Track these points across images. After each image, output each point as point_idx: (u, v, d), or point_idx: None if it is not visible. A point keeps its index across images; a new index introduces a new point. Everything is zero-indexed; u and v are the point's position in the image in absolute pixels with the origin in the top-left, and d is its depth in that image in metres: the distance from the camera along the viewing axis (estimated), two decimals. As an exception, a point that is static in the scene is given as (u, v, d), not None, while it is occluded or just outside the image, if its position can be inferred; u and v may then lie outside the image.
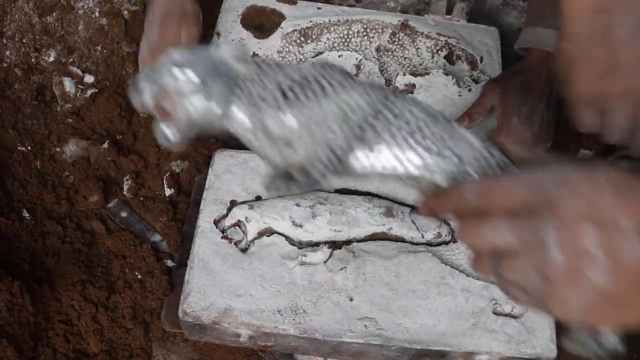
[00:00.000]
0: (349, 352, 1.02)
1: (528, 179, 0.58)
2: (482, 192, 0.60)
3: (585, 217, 0.54)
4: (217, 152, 1.17)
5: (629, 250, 0.54)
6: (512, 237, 0.57)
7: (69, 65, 1.39)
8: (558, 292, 0.55)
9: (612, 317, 0.57)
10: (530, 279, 0.56)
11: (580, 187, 0.56)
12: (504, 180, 0.60)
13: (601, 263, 0.54)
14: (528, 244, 0.56)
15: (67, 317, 1.10)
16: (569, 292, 0.55)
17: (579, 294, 0.55)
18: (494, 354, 0.99)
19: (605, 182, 0.56)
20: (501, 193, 0.59)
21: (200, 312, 1.01)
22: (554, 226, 0.55)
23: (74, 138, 1.32)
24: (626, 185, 0.56)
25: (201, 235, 1.08)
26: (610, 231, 0.54)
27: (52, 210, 1.23)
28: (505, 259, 0.58)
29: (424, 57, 1.35)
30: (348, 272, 1.05)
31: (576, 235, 0.54)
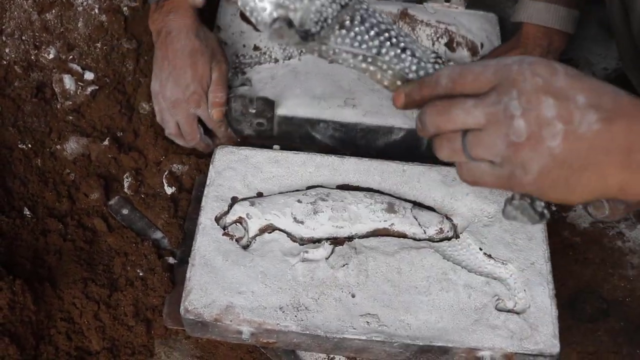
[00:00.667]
0: (351, 348, 1.02)
1: (495, 63, 0.67)
2: (455, 77, 0.68)
3: (544, 91, 0.63)
4: (217, 149, 1.17)
5: (582, 121, 0.62)
6: (481, 114, 0.65)
7: (69, 63, 1.38)
8: (520, 156, 0.64)
9: (561, 184, 0.65)
10: (497, 148, 0.65)
11: (539, 68, 0.64)
12: (474, 66, 0.68)
13: (559, 130, 0.63)
14: (496, 117, 0.65)
15: (69, 315, 1.10)
16: (529, 156, 0.64)
17: (538, 158, 0.64)
18: (496, 350, 0.99)
19: (559, 67, 0.65)
20: (472, 76, 0.67)
21: (202, 310, 1.00)
22: (518, 100, 0.63)
23: (75, 135, 1.31)
24: (576, 71, 0.65)
25: (202, 232, 1.08)
26: (566, 104, 0.63)
27: (53, 208, 1.23)
28: (473, 134, 0.66)
29: (424, 45, 1.34)
30: (350, 268, 1.05)
31: (538, 106, 0.63)
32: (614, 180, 0.64)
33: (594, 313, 1.15)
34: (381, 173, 1.15)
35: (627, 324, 1.14)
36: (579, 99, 0.63)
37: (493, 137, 0.65)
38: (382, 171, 1.16)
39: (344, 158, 1.16)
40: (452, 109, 0.67)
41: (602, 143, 0.63)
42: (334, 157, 1.17)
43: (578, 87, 0.64)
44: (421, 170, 1.16)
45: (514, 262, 1.05)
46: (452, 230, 1.10)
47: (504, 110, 0.64)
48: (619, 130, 0.63)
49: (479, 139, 0.66)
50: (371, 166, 1.16)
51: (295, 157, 1.16)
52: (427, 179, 1.15)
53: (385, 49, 0.78)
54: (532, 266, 1.06)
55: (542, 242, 1.09)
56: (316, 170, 1.15)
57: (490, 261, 1.06)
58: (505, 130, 0.64)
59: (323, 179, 1.14)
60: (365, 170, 1.15)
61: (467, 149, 0.67)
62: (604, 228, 1.25)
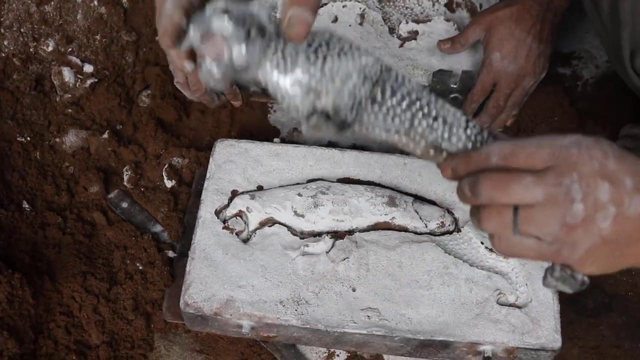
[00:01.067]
0: (351, 342, 1.02)
1: (549, 144, 0.67)
2: (506, 154, 0.69)
3: (601, 175, 0.65)
4: (218, 142, 1.16)
5: (631, 204, 0.66)
6: (541, 193, 0.66)
7: (68, 55, 1.37)
8: (572, 236, 0.66)
9: (602, 260, 0.68)
10: (551, 227, 0.66)
11: (594, 151, 0.66)
12: (527, 144, 0.68)
13: (611, 213, 0.66)
14: (555, 199, 0.66)
15: (68, 309, 1.10)
16: (581, 237, 0.66)
17: (588, 238, 0.66)
18: (498, 344, 0.99)
19: (609, 149, 0.67)
20: (525, 155, 0.67)
21: (201, 303, 1.00)
22: (579, 183, 0.65)
23: (74, 128, 1.31)
24: (619, 152, 0.68)
25: (202, 225, 1.07)
26: (618, 188, 0.66)
27: (52, 201, 1.22)
28: (526, 211, 0.67)
29: (424, 5, 1.38)
30: (350, 262, 1.04)
31: (595, 190, 0.65)
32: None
33: (596, 307, 1.15)
34: (382, 166, 1.15)
35: (629, 318, 1.14)
36: (627, 183, 0.67)
37: (549, 216, 0.66)
38: (382, 164, 1.15)
39: (345, 151, 1.16)
40: (511, 184, 0.67)
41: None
42: (334, 150, 1.16)
43: (625, 170, 0.67)
44: (422, 164, 1.15)
45: (515, 256, 1.05)
46: (454, 224, 1.10)
47: (565, 193, 0.66)
48: None
49: (532, 216, 0.67)
50: (372, 159, 1.15)
51: (295, 150, 1.15)
52: (429, 173, 1.14)
53: (418, 120, 0.75)
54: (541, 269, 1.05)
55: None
56: (317, 163, 1.14)
57: (492, 255, 1.06)
58: (563, 211, 0.66)
59: (324, 172, 1.13)
60: (365, 164, 1.14)
61: (517, 225, 0.68)
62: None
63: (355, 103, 0.73)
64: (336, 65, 0.71)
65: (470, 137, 0.75)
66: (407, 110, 0.75)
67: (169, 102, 1.34)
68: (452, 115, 0.76)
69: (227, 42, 0.69)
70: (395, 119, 0.75)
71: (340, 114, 0.73)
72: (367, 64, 0.73)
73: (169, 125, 1.34)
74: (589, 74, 1.41)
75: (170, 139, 1.30)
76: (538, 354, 0.99)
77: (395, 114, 0.75)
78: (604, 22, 1.06)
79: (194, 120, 1.35)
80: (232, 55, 0.69)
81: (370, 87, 0.74)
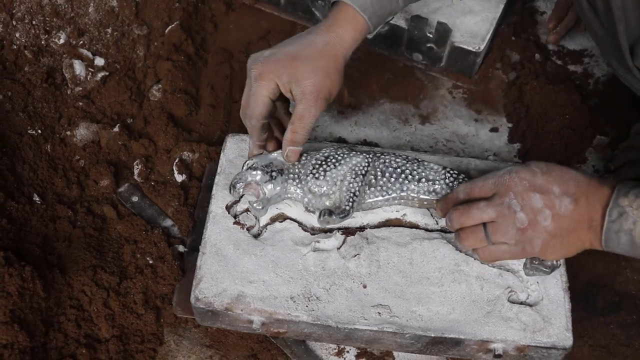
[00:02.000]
0: (362, 339, 1.02)
1: (492, 177, 0.95)
2: (467, 190, 0.97)
3: (532, 189, 0.92)
4: (228, 137, 1.16)
5: (561, 205, 0.91)
6: (493, 212, 0.93)
7: (79, 48, 1.37)
8: (527, 236, 0.92)
9: (557, 249, 0.93)
10: (510, 233, 0.92)
11: (522, 173, 0.93)
12: (479, 181, 0.97)
13: (548, 215, 0.91)
14: (503, 213, 0.92)
15: (78, 303, 1.10)
16: (533, 235, 0.92)
17: (538, 236, 0.92)
18: (509, 342, 0.99)
19: (536, 168, 0.94)
20: (478, 188, 0.96)
21: (212, 298, 1.00)
22: (516, 199, 0.92)
23: (85, 121, 1.31)
24: (548, 168, 0.94)
25: (213, 220, 1.07)
26: (548, 195, 0.91)
27: (62, 194, 1.22)
28: (491, 225, 0.93)
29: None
30: (361, 258, 1.04)
31: (529, 201, 0.91)
32: (586, 239, 0.92)
33: (606, 306, 1.14)
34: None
35: (640, 317, 1.14)
36: (555, 190, 0.91)
37: (505, 226, 0.92)
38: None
39: (356, 147, 1.16)
40: (471, 210, 0.94)
41: (575, 217, 0.91)
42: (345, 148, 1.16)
43: (552, 180, 0.92)
44: (433, 160, 1.15)
45: (527, 254, 1.05)
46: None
47: (508, 208, 0.92)
48: (583, 206, 0.91)
49: (496, 229, 0.93)
50: (383, 156, 1.15)
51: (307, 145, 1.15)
52: (440, 170, 1.14)
53: (406, 185, 1.05)
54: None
55: (556, 234, 1.08)
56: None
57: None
58: (512, 220, 0.91)
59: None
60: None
61: (489, 237, 0.94)
62: (617, 221, 1.23)
63: (351, 195, 1.02)
64: (334, 173, 1.03)
65: (449, 185, 1.05)
66: (396, 182, 1.05)
67: (180, 97, 1.34)
68: (434, 172, 1.06)
69: (260, 186, 1.02)
70: (389, 191, 1.05)
71: (341, 207, 1.02)
72: (357, 163, 1.04)
73: (180, 120, 1.34)
74: (600, 71, 1.41)
75: (181, 134, 1.30)
76: (549, 352, 0.99)
77: (388, 187, 1.05)
78: (601, 21, 1.07)
79: (205, 114, 1.35)
80: (266, 193, 1.02)
81: (362, 180, 1.03)
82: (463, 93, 1.40)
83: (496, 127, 1.35)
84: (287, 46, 1.02)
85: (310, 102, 0.99)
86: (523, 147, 1.32)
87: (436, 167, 1.07)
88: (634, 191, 0.88)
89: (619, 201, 0.88)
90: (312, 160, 1.05)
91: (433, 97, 1.39)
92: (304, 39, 1.02)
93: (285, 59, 0.99)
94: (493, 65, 1.42)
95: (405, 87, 1.40)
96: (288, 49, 1.01)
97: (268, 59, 1.00)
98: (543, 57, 1.43)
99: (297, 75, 0.98)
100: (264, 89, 0.99)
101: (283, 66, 0.98)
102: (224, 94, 1.38)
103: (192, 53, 1.42)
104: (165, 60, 1.38)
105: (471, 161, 1.15)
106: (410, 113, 1.37)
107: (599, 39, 1.15)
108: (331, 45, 1.01)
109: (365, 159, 1.05)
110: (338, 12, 1.03)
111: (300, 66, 0.98)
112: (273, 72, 0.98)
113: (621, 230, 0.88)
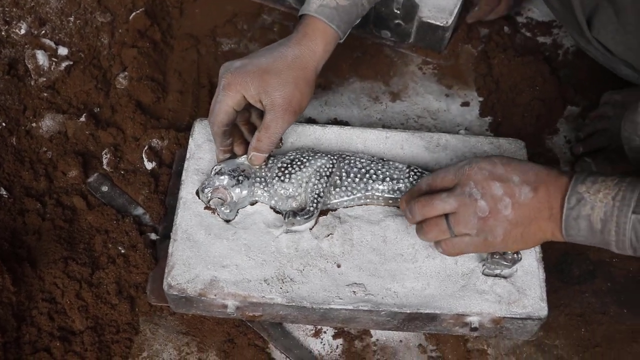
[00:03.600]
0: (338, 318, 1.01)
1: (453, 167, 0.95)
2: (430, 182, 0.96)
3: (491, 178, 0.91)
4: (196, 122, 1.15)
5: (520, 193, 0.90)
6: (454, 201, 0.92)
7: (41, 38, 1.35)
8: (488, 224, 0.91)
9: (518, 239, 0.92)
10: (471, 223, 0.91)
11: (482, 163, 0.93)
12: (440, 172, 0.96)
13: (508, 203, 0.90)
14: (464, 202, 0.91)
15: (50, 295, 1.08)
16: (494, 224, 0.90)
17: (499, 224, 0.90)
18: (484, 315, 0.99)
19: (496, 159, 0.93)
20: (439, 179, 0.95)
21: (185, 285, 0.99)
22: (476, 187, 0.91)
23: (50, 112, 1.28)
24: (508, 159, 0.93)
25: (183, 206, 1.06)
26: (508, 183, 0.90)
27: (30, 187, 1.20)
28: (453, 216, 0.92)
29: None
30: (335, 238, 1.04)
31: (490, 189, 0.90)
32: (547, 229, 0.91)
33: (581, 275, 1.15)
34: (364, 141, 1.14)
35: (614, 284, 1.14)
36: (515, 179, 0.90)
37: (466, 215, 0.91)
38: (364, 139, 1.14)
39: (326, 127, 1.15)
40: (434, 201, 0.93)
41: (536, 205, 0.90)
42: (315, 127, 1.15)
43: (511, 170, 0.91)
44: (404, 137, 1.14)
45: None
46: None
47: (469, 196, 0.91)
48: (542, 194, 0.90)
49: (457, 219, 0.92)
50: (353, 134, 1.14)
51: None
52: (411, 146, 1.14)
53: (370, 185, 1.06)
54: (518, 230, 1.05)
55: (528, 206, 1.08)
56: (298, 140, 1.13)
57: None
58: (473, 209, 0.90)
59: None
60: (347, 139, 1.13)
61: (451, 227, 0.92)
62: (590, 190, 1.24)
63: (316, 196, 1.03)
64: (299, 175, 1.04)
65: (412, 183, 1.05)
66: (360, 182, 1.06)
67: (147, 84, 1.32)
68: (398, 171, 1.06)
69: (228, 190, 1.03)
70: (354, 191, 1.06)
71: (306, 208, 1.03)
72: (321, 165, 1.05)
73: (148, 107, 1.32)
74: (569, 42, 1.40)
75: (149, 121, 1.28)
76: (525, 323, 0.99)
77: (352, 187, 1.06)
78: None
79: (173, 101, 1.33)
80: (233, 197, 1.04)
81: (326, 181, 1.04)
82: (433, 69, 1.39)
83: (467, 102, 1.35)
84: (258, 58, 1.02)
85: (278, 113, 1.00)
86: (494, 121, 1.32)
87: (400, 166, 1.07)
88: (590, 178, 0.88)
89: (576, 188, 0.87)
90: (277, 164, 1.06)
91: (403, 74, 1.38)
92: (275, 51, 1.02)
93: (255, 72, 1.00)
94: (462, 39, 1.42)
95: (374, 65, 1.39)
96: (259, 60, 1.01)
97: (238, 70, 1.00)
98: (512, 30, 1.43)
99: (266, 87, 0.99)
100: (229, 99, 1.00)
101: (252, 79, 0.99)
102: (191, 80, 1.36)
103: (158, 39, 1.40)
104: (130, 48, 1.36)
105: (442, 136, 1.15)
106: (381, 91, 1.36)
107: (557, 13, 1.15)
108: (301, 59, 1.02)
109: (330, 161, 1.06)
110: (307, 25, 1.04)
111: (270, 79, 0.99)
112: (241, 84, 0.99)
113: (580, 216, 0.87)
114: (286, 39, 1.05)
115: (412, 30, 1.36)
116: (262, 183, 1.05)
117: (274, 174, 1.05)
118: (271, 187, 1.05)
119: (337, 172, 1.06)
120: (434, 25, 1.33)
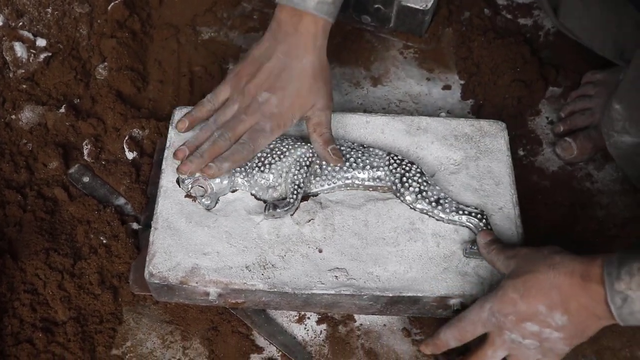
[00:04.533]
0: (320, 304, 1.01)
1: (475, 317, 0.92)
2: (458, 337, 0.94)
3: (520, 320, 0.89)
4: (176, 110, 1.14)
5: (556, 321, 0.87)
6: (502, 352, 0.92)
7: (19, 29, 1.34)
8: (546, 347, 0.90)
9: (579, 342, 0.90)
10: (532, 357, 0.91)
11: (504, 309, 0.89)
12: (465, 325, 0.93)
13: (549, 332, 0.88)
14: (514, 348, 0.91)
15: (32, 287, 1.08)
16: (552, 345, 0.89)
17: (557, 346, 0.89)
18: (467, 296, 0.99)
19: (512, 294, 0.89)
20: (470, 334, 0.93)
21: (166, 273, 0.99)
22: (515, 334, 0.90)
23: (30, 104, 1.27)
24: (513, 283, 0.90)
25: (164, 195, 1.06)
26: (538, 318, 0.88)
27: (11, 179, 1.20)
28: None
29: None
30: (316, 223, 1.03)
31: (526, 330, 0.89)
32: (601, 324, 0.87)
33: (564, 254, 1.15)
34: (344, 126, 1.13)
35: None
36: (541, 309, 0.87)
37: (524, 355, 0.91)
38: (345, 124, 1.14)
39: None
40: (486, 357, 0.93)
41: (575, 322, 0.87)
42: (296, 112, 1.14)
43: (533, 301, 0.87)
44: (385, 121, 1.14)
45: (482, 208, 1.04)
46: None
47: (512, 343, 0.91)
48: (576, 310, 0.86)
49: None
50: (334, 119, 1.13)
51: None
52: (392, 129, 1.13)
53: (351, 173, 1.06)
54: (500, 211, 1.05)
55: (510, 187, 1.08)
56: (278, 126, 1.13)
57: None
58: (525, 350, 0.91)
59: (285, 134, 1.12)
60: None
61: None
62: (572, 170, 1.24)
63: (296, 187, 1.03)
64: (279, 165, 1.04)
65: (392, 171, 1.05)
66: (340, 170, 1.06)
67: (127, 74, 1.31)
68: (378, 158, 1.06)
69: (207, 181, 1.03)
70: (334, 179, 1.06)
71: (287, 199, 1.03)
72: (301, 154, 1.05)
73: (128, 97, 1.31)
74: (550, 23, 1.40)
75: (130, 111, 1.28)
76: (507, 303, 0.99)
77: (332, 176, 1.06)
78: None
79: (153, 90, 1.33)
80: (213, 188, 1.03)
81: (306, 171, 1.04)
82: (414, 53, 1.39)
83: (448, 85, 1.35)
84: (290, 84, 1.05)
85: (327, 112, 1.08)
86: (476, 103, 1.31)
87: (380, 152, 1.07)
88: (624, 269, 0.81)
89: (614, 287, 0.81)
90: (257, 153, 1.06)
91: (384, 59, 1.38)
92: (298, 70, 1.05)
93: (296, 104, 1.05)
94: (442, 23, 1.41)
95: (355, 50, 1.39)
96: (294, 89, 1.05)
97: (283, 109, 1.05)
98: (492, 12, 1.42)
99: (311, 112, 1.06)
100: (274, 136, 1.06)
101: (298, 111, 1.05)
102: (171, 69, 1.36)
103: (138, 29, 1.39)
104: (109, 38, 1.35)
105: (422, 119, 1.14)
106: (362, 76, 1.36)
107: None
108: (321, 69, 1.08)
109: (310, 150, 1.06)
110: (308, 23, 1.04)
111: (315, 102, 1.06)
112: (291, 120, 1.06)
113: (633, 312, 0.81)
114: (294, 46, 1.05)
115: (392, 15, 1.35)
116: (242, 173, 1.05)
117: (254, 164, 1.05)
118: (251, 177, 1.05)
119: (317, 161, 1.06)
120: (414, 8, 1.33)
